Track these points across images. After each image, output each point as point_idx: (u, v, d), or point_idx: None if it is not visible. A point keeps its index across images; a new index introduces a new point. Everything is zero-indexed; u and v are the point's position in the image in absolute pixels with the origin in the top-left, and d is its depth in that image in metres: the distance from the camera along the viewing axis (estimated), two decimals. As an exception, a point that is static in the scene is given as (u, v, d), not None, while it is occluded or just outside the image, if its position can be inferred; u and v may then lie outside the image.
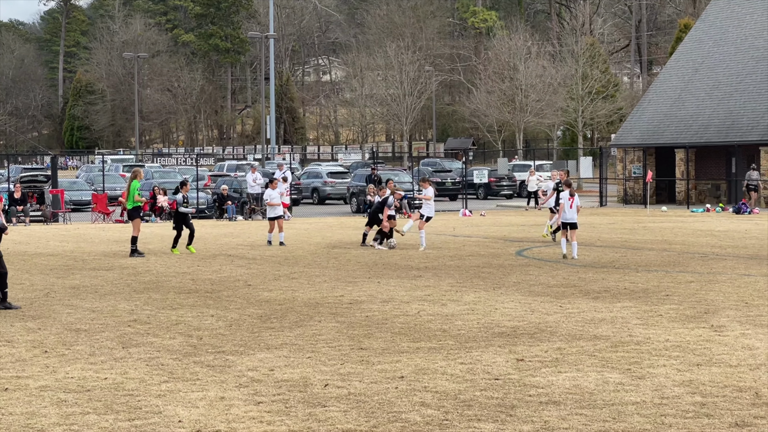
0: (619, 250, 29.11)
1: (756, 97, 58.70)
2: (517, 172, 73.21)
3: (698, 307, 18.02)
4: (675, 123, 62.21)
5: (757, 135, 56.87)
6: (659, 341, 14.61)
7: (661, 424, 10.13)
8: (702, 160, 61.47)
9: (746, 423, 10.14)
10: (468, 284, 21.64)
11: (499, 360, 13.34)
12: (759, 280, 22.08)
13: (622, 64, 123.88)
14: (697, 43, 66.17)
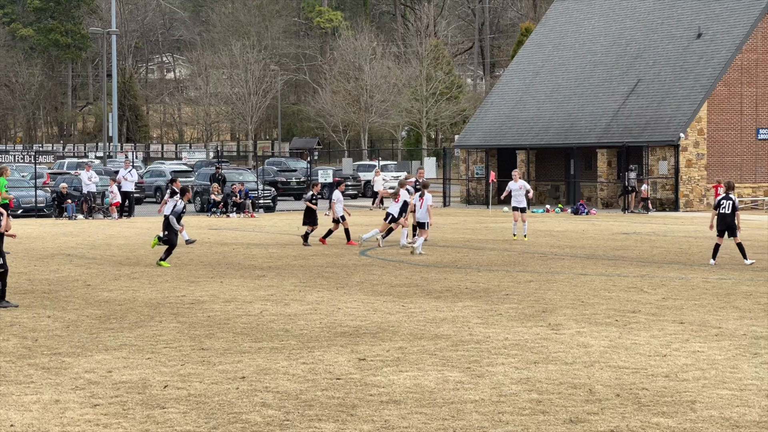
0: (461, 250, 29.49)
1: (593, 101, 60.21)
2: (362, 172, 73.55)
3: (537, 306, 18.38)
4: (517, 125, 63.38)
5: (594, 137, 58.32)
6: (498, 340, 14.85)
7: (499, 421, 10.29)
8: (542, 161, 62.78)
9: (580, 419, 10.37)
10: (311, 284, 21.64)
11: (341, 359, 13.37)
12: (595, 279, 22.64)
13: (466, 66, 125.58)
14: (537, 46, 67.53)
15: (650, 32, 61.18)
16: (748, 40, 56.11)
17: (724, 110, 55.90)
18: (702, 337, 15.05)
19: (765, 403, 11.00)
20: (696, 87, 55.85)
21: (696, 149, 55.26)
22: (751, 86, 56.50)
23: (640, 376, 12.39)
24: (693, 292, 20.33)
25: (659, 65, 58.76)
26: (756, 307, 18.13)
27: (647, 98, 57.57)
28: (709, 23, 58.28)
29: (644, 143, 55.63)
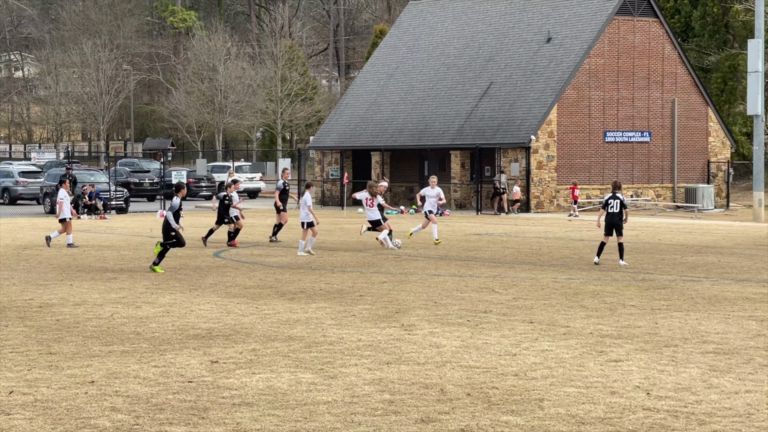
0: (316, 251, 29.45)
1: (447, 103, 60.88)
2: (216, 173, 72.97)
3: (390, 306, 18.49)
4: (371, 126, 63.69)
5: (448, 139, 58.99)
6: (352, 341, 14.89)
7: (351, 422, 10.31)
8: (397, 162, 63.23)
9: (431, 418, 10.46)
10: (164, 286, 21.37)
11: (193, 362, 13.23)
12: (448, 279, 22.89)
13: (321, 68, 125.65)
14: (391, 48, 67.98)
15: (502, 36, 62.15)
16: (596, 44, 57.47)
17: (573, 113, 57.15)
18: (551, 336, 15.33)
19: (609, 400, 11.26)
20: (546, 90, 56.96)
21: (546, 151, 56.35)
22: (599, 90, 57.87)
23: (491, 375, 12.56)
24: (543, 292, 20.71)
25: (511, 68, 59.74)
26: (602, 306, 18.56)
27: (499, 101, 58.48)
28: (559, 28, 59.49)
29: (496, 145, 56.48)
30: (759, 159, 49.74)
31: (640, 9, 58.79)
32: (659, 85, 59.74)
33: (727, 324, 16.49)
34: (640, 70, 59.04)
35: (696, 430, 10.01)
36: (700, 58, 74.59)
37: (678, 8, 77.19)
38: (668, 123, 60.09)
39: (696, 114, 60.96)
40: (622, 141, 58.73)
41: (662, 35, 59.64)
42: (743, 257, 28.67)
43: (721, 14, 75.49)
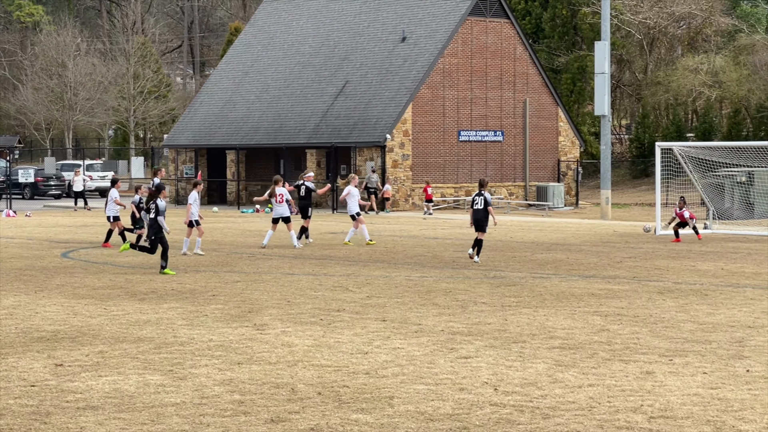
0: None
1: (302, 101, 60.82)
2: (65, 172, 71.52)
3: (243, 306, 18.37)
4: (226, 124, 63.24)
5: (303, 138, 58.93)
6: (203, 341, 14.75)
7: (200, 423, 10.21)
8: (252, 161, 62.91)
9: (281, 418, 10.42)
10: (8, 288, 20.84)
11: (36, 366, 12.92)
12: (302, 278, 22.86)
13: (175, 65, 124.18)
14: (246, 46, 67.61)
15: (357, 35, 62.36)
16: (449, 44, 58.09)
17: (428, 112, 57.67)
18: (402, 334, 15.43)
19: (458, 396, 11.38)
20: (401, 89, 57.35)
21: (402, 150, 56.74)
22: (453, 89, 58.52)
23: (342, 374, 12.58)
24: (396, 290, 20.84)
25: (366, 67, 59.98)
26: (454, 304, 18.76)
27: (355, 100, 58.66)
28: (413, 27, 59.97)
29: (352, 144, 56.66)
30: (606, 158, 50.93)
31: (492, 10, 59.64)
32: (511, 85, 60.70)
33: (573, 320, 16.84)
34: (492, 70, 59.89)
35: (540, 424, 10.19)
36: (550, 59, 76.05)
37: (529, 10, 78.57)
38: (520, 122, 61.11)
39: (546, 114, 62.13)
40: (476, 140, 59.49)
41: (514, 36, 60.61)
42: (590, 254, 29.32)
43: (569, 17, 77.10)
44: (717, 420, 10.20)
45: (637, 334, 15.33)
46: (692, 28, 79.28)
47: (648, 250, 30.78)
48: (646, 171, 71.61)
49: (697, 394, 11.31)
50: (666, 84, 74.01)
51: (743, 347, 14.20)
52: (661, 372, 12.56)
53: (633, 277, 23.12)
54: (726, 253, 29.50)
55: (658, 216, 38.35)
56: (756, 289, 20.95)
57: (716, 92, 72.36)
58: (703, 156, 42.19)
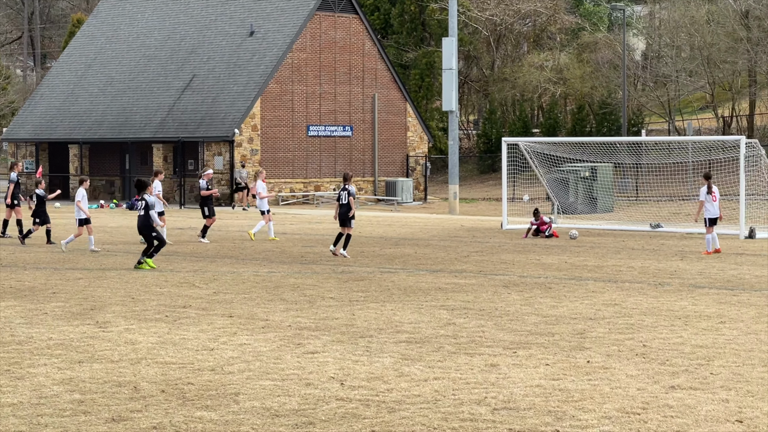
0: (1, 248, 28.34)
1: (148, 95, 59.95)
2: None
3: (85, 303, 17.99)
4: (69, 118, 61.93)
5: (150, 132, 58.11)
6: (42, 340, 14.38)
7: (38, 424, 9.94)
8: (96, 156, 61.75)
9: (123, 417, 10.22)
10: None
11: None
12: (147, 275, 22.51)
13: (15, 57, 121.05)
14: (89, 38, 66.31)
15: (204, 28, 61.75)
16: (298, 39, 57.98)
17: (277, 107, 57.46)
18: (249, 330, 15.32)
19: (304, 391, 11.34)
20: (249, 84, 57.01)
21: (250, 145, 56.42)
22: (302, 84, 58.43)
23: (187, 370, 12.42)
24: (243, 285, 20.69)
25: (214, 61, 59.44)
26: (302, 299, 18.71)
27: (202, 94, 58.09)
28: (261, 22, 59.66)
29: (200, 138, 56.10)
30: (454, 153, 51.51)
31: (341, 5, 59.72)
32: (360, 80, 60.90)
33: (420, 314, 16.96)
34: (341, 65, 60.00)
35: (386, 418, 10.21)
36: (398, 54, 76.54)
37: (377, 5, 78.93)
38: (369, 118, 61.37)
39: (395, 109, 62.53)
40: (325, 135, 59.51)
41: (362, 32, 60.82)
42: (438, 249, 29.61)
43: (418, 13, 77.73)
44: (558, 410, 10.38)
45: (482, 328, 15.51)
46: (537, 26, 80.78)
47: (494, 244, 31.23)
48: (494, 166, 72.67)
49: (540, 386, 11.50)
50: (512, 80, 75.25)
51: (584, 339, 14.49)
52: (505, 364, 12.73)
53: (479, 271, 23.41)
54: (570, 247, 30.11)
55: (505, 210, 38.92)
56: (598, 281, 21.44)
57: (561, 89, 73.89)
58: (549, 151, 43.04)
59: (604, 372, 12.18)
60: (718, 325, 15.54)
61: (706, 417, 10.03)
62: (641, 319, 16.15)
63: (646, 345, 13.91)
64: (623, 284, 20.88)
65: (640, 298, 18.64)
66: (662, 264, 24.92)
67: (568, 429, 9.66)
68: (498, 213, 47.58)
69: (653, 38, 73.24)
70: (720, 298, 18.63)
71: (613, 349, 13.61)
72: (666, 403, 10.57)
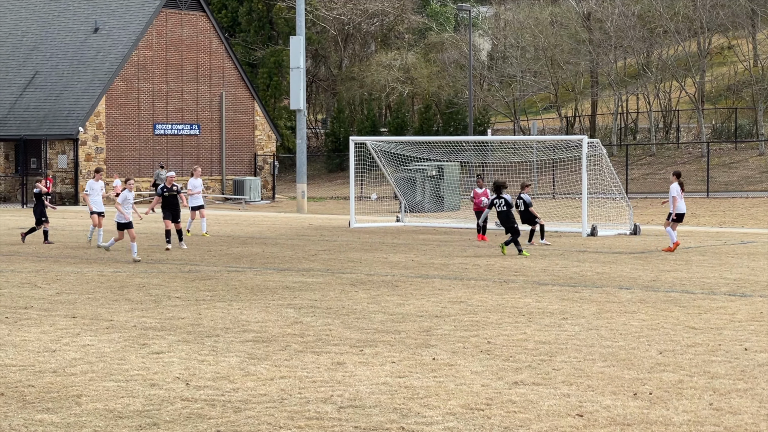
0: None
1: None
2: None
3: None
4: None
5: (-10, 130, 56.64)
6: None
7: None
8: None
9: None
10: None
11: None
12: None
13: None
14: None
15: (47, 24, 60.47)
16: (144, 36, 57.23)
17: (123, 105, 56.62)
18: (93, 331, 15.06)
19: (149, 392, 11.20)
20: (94, 81, 56.04)
21: (95, 143, 55.49)
22: (148, 82, 57.69)
23: (27, 373, 12.14)
24: (88, 285, 20.33)
25: (57, 58, 58.25)
26: (147, 299, 18.48)
27: (45, 91, 56.88)
28: (106, 18, 58.72)
29: (43, 136, 54.91)
30: (302, 152, 51.53)
31: (187, 3, 59.17)
32: (207, 78, 60.42)
33: (267, 312, 16.91)
34: (188, 63, 59.43)
35: (231, 417, 10.16)
36: (247, 53, 76.22)
37: (225, 3, 78.44)
38: (217, 116, 60.94)
39: (243, 108, 62.23)
40: (172, 134, 58.88)
41: (210, 29, 60.35)
42: (286, 247, 29.58)
43: (265, 11, 77.49)
44: (403, 407, 10.47)
45: (329, 326, 15.55)
46: (385, 25, 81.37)
47: (342, 242, 31.35)
48: (342, 165, 72.96)
49: (386, 383, 11.58)
50: (360, 79, 75.64)
51: (430, 336, 14.66)
52: (351, 362, 12.78)
53: (327, 270, 23.47)
54: (417, 245, 30.41)
55: (352, 209, 39.10)
56: (444, 279, 21.70)
57: (408, 88, 74.56)
58: (397, 150, 43.39)
59: (450, 369, 12.33)
60: (561, 322, 15.89)
61: (547, 412, 10.24)
62: (486, 316, 16.41)
63: (490, 342, 14.13)
64: (469, 282, 21.18)
65: (486, 296, 18.94)
66: (507, 262, 25.38)
67: (413, 426, 9.76)
68: (346, 211, 47.80)
69: (498, 39, 74.49)
70: (563, 295, 19.05)
71: (459, 346, 13.80)
72: (509, 399, 10.76)
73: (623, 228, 35.32)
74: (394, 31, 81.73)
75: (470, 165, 53.79)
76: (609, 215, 37.84)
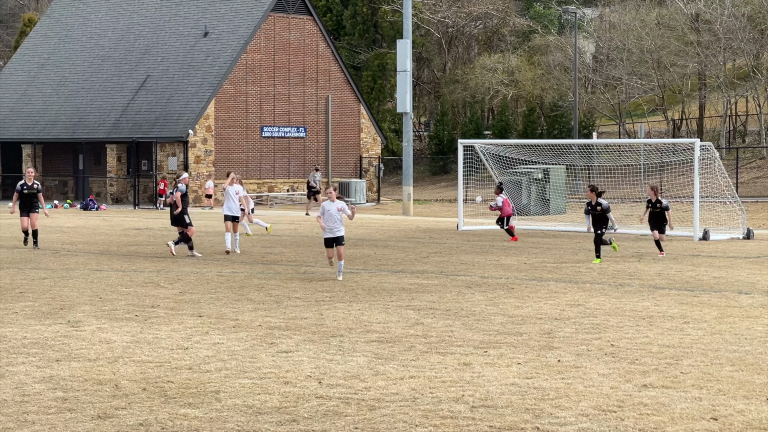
0: (-33, 248, 28.22)
1: (102, 95, 59.71)
2: None
3: (53, 303, 18.03)
4: (22, 118, 61.54)
5: (103, 132, 57.88)
6: (17, 339, 14.44)
7: (25, 421, 10.05)
8: (50, 156, 61.40)
9: (108, 414, 10.34)
10: None
11: None
12: (111, 275, 22.54)
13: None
14: (43, 38, 65.92)
15: (158, 29, 61.61)
16: (252, 40, 58.01)
17: (231, 108, 57.46)
18: (221, 330, 15.44)
19: (284, 389, 11.50)
20: (204, 84, 56.96)
21: (204, 145, 56.38)
22: (256, 85, 58.46)
23: (165, 369, 12.54)
24: (209, 285, 20.78)
25: (168, 62, 59.32)
26: (268, 299, 18.85)
27: (156, 94, 57.96)
28: (216, 23, 59.63)
29: (154, 139, 55.96)
30: (408, 155, 51.73)
31: (294, 6, 59.82)
32: (314, 81, 61.02)
33: (387, 314, 17.15)
34: (295, 66, 60.09)
35: (367, 415, 10.40)
36: (351, 56, 76.76)
37: (330, 7, 79.08)
38: (323, 119, 61.51)
39: (349, 111, 62.72)
40: (279, 136, 59.58)
41: (316, 33, 60.95)
42: (397, 249, 29.82)
43: (370, 14, 77.96)
44: (535, 408, 10.62)
45: (450, 327, 15.74)
46: (489, 28, 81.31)
47: (452, 245, 31.49)
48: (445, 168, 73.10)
49: (515, 384, 11.74)
50: (464, 82, 75.68)
51: (552, 338, 14.77)
52: (477, 363, 12.96)
53: (441, 272, 23.65)
54: (527, 248, 30.43)
55: (461, 211, 39.24)
56: (559, 282, 21.74)
57: (512, 91, 74.41)
58: (501, 153, 43.41)
59: (576, 371, 12.44)
60: (683, 326, 15.88)
61: (681, 415, 10.31)
62: (606, 320, 16.46)
63: (614, 345, 14.21)
64: (584, 285, 21.21)
65: (603, 299, 18.97)
66: (620, 265, 25.31)
67: (547, 426, 9.91)
68: (451, 214, 47.94)
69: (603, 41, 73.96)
70: (681, 299, 18.99)
71: (582, 349, 13.89)
72: (640, 401, 10.85)
73: (736, 232, 34.92)
74: (497, 34, 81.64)
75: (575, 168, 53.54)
76: (719, 219, 37.42)
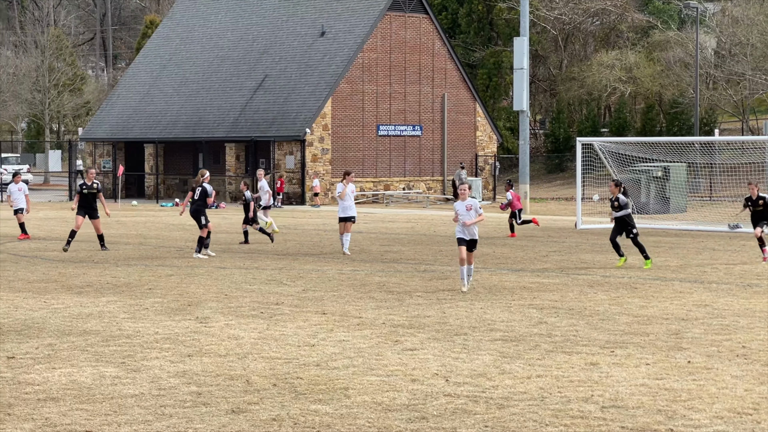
0: (95, 244, 28.85)
1: (221, 95, 60.61)
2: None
3: (182, 299, 18.39)
4: (144, 118, 62.80)
5: (223, 132, 58.75)
6: (149, 334, 14.77)
7: (162, 414, 10.28)
8: (171, 155, 62.55)
9: (242, 409, 10.53)
10: (-60, 282, 20.59)
11: (-13, 360, 12.87)
12: (235, 272, 22.90)
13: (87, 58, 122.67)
14: (164, 40, 67.15)
15: (276, 29, 62.31)
16: (369, 39, 58.30)
17: (347, 107, 57.84)
18: (345, 327, 15.59)
19: (411, 387, 11.57)
20: (320, 84, 57.43)
21: (321, 144, 56.85)
22: (372, 84, 58.75)
23: (293, 365, 12.71)
24: (330, 283, 20.98)
25: (285, 61, 59.96)
26: (390, 297, 18.95)
27: (274, 94, 58.62)
28: (332, 22, 60.08)
29: (271, 138, 56.62)
30: (525, 153, 51.52)
31: (410, 5, 59.97)
32: (429, 80, 61.10)
33: (510, 312, 17.13)
34: (411, 65, 60.24)
35: (496, 414, 10.41)
36: (466, 54, 76.67)
37: (445, 5, 79.10)
38: (438, 117, 61.56)
39: (464, 109, 62.66)
40: (395, 134, 59.80)
41: (432, 31, 61.01)
42: (516, 248, 29.72)
43: (485, 12, 77.79)
44: (668, 409, 10.52)
45: (575, 326, 15.66)
46: (606, 25, 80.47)
47: (571, 244, 31.29)
48: (561, 165, 72.58)
49: (644, 384, 11.64)
50: (581, 79, 75.03)
51: (681, 339, 14.59)
52: (605, 363, 12.88)
53: (561, 271, 23.52)
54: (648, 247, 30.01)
55: (579, 210, 38.94)
56: (684, 282, 21.46)
57: (630, 88, 73.54)
58: (619, 151, 42.94)
59: (707, 372, 12.29)
60: (814, 327, 15.57)
61: (817, 416, 10.13)
62: (736, 320, 16.21)
63: (745, 346, 13.98)
64: (710, 285, 20.90)
65: (731, 299, 18.68)
66: (747, 265, 24.87)
67: (681, 428, 9.80)
68: (568, 212, 47.58)
69: (725, 36, 72.64)
70: (810, 300, 18.61)
71: (713, 350, 13.70)
72: (774, 403, 10.68)
73: None
74: (615, 31, 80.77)
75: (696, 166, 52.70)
76: None
